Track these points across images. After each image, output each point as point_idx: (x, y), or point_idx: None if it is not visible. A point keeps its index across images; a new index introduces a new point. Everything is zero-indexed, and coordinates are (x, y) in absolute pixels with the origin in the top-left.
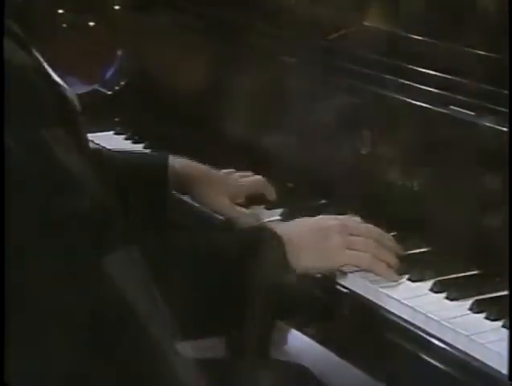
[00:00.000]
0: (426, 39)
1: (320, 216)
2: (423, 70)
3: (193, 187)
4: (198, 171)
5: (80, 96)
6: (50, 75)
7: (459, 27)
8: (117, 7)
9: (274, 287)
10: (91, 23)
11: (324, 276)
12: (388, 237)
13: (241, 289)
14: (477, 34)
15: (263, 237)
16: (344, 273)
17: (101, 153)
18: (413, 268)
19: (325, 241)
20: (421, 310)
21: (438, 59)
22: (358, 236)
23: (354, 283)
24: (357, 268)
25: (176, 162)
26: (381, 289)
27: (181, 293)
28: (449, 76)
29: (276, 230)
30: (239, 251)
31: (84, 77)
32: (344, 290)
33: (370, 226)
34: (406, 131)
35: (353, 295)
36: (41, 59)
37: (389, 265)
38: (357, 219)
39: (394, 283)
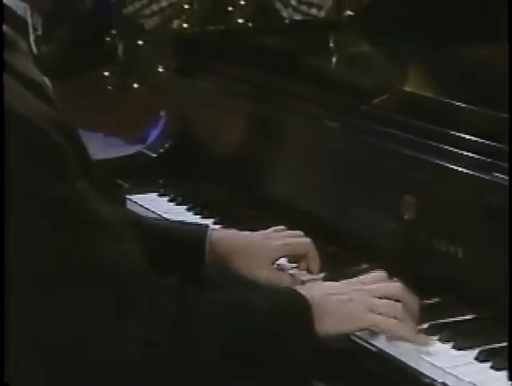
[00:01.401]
0: (466, 105)
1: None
2: (466, 136)
3: (233, 261)
4: (238, 243)
5: (125, 158)
6: (70, 127)
7: (498, 93)
8: (161, 70)
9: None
10: (135, 85)
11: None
12: (413, 299)
13: (267, 347)
14: None
15: (291, 299)
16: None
17: (139, 222)
18: (457, 336)
19: (347, 305)
20: (466, 379)
21: (480, 125)
22: (384, 297)
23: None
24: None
25: (215, 235)
26: (423, 356)
27: (210, 343)
28: (491, 143)
29: (303, 293)
30: (266, 311)
31: (128, 137)
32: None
33: (396, 285)
34: (448, 197)
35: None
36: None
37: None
38: (383, 274)
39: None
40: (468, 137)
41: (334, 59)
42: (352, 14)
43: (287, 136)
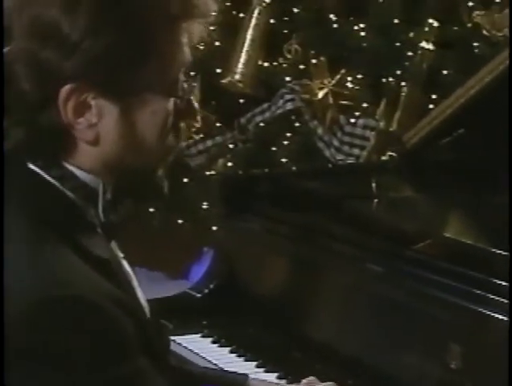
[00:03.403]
0: (504, 253)
1: None
2: (504, 283)
3: None
4: None
5: (170, 298)
6: (133, 303)
7: None
8: (205, 207)
9: None
10: (180, 221)
11: None
12: None
13: None
14: None
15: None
16: None
17: (180, 371)
18: None
19: None
20: None
21: None
22: None
23: None
24: None
25: (253, 385)
26: None
27: None
28: None
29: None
30: None
31: (172, 273)
32: None
33: None
34: (495, 346)
35: None
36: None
37: None
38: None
39: None
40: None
41: (376, 203)
42: (393, 154)
43: (331, 279)
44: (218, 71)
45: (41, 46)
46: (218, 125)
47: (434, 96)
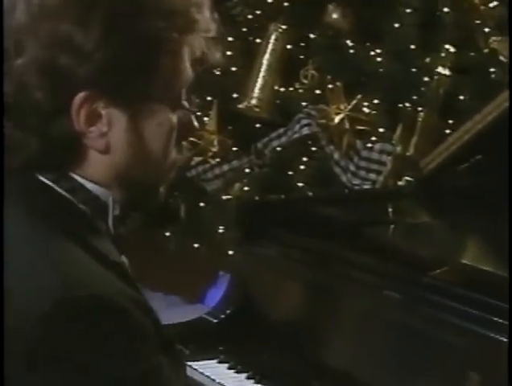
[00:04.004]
0: None
1: None
2: None
3: None
4: None
5: (186, 324)
6: (149, 305)
7: None
8: (221, 231)
9: None
10: (196, 245)
11: None
12: None
13: None
14: None
15: None
16: None
17: None
18: None
19: None
20: None
21: None
22: None
23: None
24: None
25: None
26: None
27: None
28: None
29: None
30: None
31: (188, 297)
32: None
33: None
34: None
35: None
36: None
37: None
38: None
39: None
40: None
41: (393, 229)
42: (410, 179)
43: (347, 305)
44: (235, 96)
45: (55, 55)
46: (235, 149)
47: (451, 121)
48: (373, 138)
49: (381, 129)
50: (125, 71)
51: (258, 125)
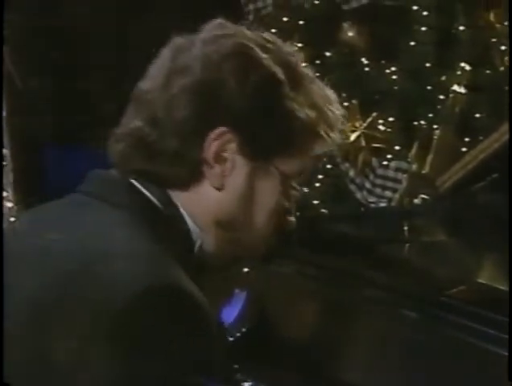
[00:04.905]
0: None
1: None
2: None
3: None
4: None
5: None
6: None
7: None
8: None
9: None
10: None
11: None
12: None
13: None
14: None
15: None
16: None
17: None
18: None
19: None
20: None
21: None
22: None
23: None
24: None
25: None
26: None
27: None
28: None
29: None
30: None
31: None
32: None
33: None
34: None
35: None
36: None
37: None
38: None
39: None
40: None
41: (409, 247)
42: (426, 197)
43: (364, 324)
44: None
45: (225, 78)
46: None
47: (467, 139)
48: (389, 156)
49: (396, 147)
50: (266, 136)
51: None
